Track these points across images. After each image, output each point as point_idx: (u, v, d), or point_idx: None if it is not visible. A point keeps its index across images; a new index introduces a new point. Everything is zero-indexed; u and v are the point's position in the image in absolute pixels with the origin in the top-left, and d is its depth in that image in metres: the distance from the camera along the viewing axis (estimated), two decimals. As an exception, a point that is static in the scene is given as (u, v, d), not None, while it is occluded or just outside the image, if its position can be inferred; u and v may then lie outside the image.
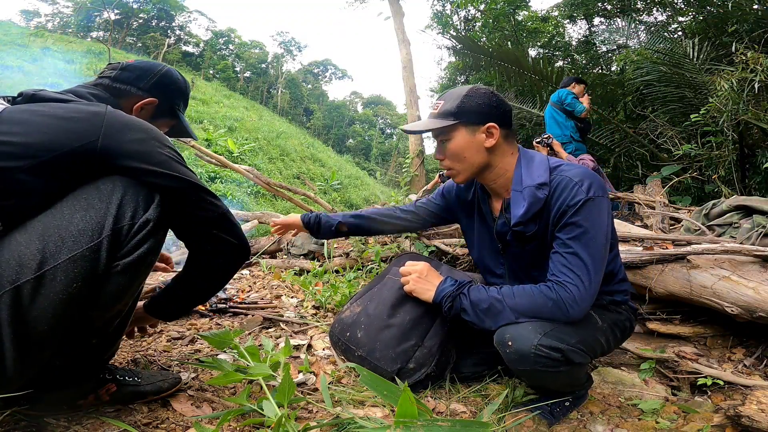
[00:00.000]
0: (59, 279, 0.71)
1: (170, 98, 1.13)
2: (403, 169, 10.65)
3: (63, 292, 0.72)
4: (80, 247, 0.73)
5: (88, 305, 0.77)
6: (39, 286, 0.70)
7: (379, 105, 60.03)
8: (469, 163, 1.20)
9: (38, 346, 0.73)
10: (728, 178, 4.16)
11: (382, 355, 1.26)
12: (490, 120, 1.17)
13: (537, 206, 1.13)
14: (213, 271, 1.01)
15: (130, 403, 1.06)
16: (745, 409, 1.10)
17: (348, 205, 13.43)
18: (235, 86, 38.09)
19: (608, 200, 1.12)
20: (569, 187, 1.09)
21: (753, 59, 3.72)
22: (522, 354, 1.03)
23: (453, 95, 1.20)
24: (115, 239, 0.76)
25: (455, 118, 1.17)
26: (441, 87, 11.31)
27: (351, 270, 2.67)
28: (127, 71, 1.07)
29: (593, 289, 1.06)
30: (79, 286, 0.73)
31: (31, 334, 0.71)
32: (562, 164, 1.17)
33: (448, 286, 1.21)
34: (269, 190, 4.37)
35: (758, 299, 1.40)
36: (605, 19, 8.27)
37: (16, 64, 14.05)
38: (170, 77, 1.13)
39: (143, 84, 1.07)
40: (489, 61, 6.37)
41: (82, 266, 0.73)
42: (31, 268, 0.70)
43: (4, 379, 0.71)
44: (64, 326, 0.75)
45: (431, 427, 0.86)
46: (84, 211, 0.75)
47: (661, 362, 1.53)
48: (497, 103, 1.19)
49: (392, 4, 11.30)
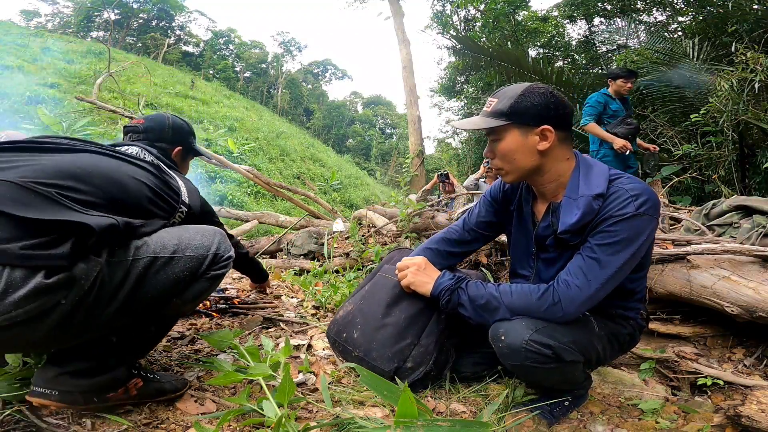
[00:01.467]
0: (180, 265, 1.04)
1: (187, 140, 1.49)
2: (403, 169, 10.65)
3: (176, 274, 1.03)
4: (198, 252, 1.09)
5: (181, 291, 1.06)
6: (167, 263, 1.02)
7: (379, 105, 60.03)
8: (519, 164, 1.14)
9: (134, 309, 0.96)
10: (728, 178, 4.17)
11: (378, 354, 1.26)
12: (545, 122, 1.10)
13: (590, 217, 1.07)
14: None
15: (152, 400, 1.08)
16: (745, 409, 1.10)
17: (348, 205, 13.43)
18: (235, 86, 38.10)
19: (655, 221, 1.07)
20: (622, 198, 1.05)
21: (753, 59, 3.73)
22: (513, 348, 1.04)
23: (507, 93, 1.14)
24: (214, 258, 1.13)
25: (507, 119, 1.11)
26: (441, 87, 11.33)
27: (351, 270, 2.67)
28: (150, 133, 1.39)
29: (596, 298, 1.06)
30: (186, 275, 1.05)
31: (142, 293, 0.96)
32: (623, 176, 1.12)
33: (446, 280, 1.22)
34: (269, 190, 4.37)
35: (758, 299, 1.40)
36: (605, 19, 8.28)
37: (16, 64, 14.06)
38: (178, 124, 1.47)
39: (167, 138, 1.42)
40: (489, 61, 6.38)
41: (194, 263, 1.07)
42: (169, 250, 1.03)
43: (93, 326, 0.90)
44: (160, 301, 1.01)
45: (431, 427, 0.86)
46: (201, 236, 1.14)
47: (661, 362, 1.53)
48: (555, 104, 1.11)
49: (392, 4, 11.30)
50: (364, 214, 3.64)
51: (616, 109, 3.68)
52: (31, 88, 11.78)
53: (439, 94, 11.76)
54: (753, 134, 4.37)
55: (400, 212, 2.93)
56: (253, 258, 2.00)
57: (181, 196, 1.25)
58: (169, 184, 1.21)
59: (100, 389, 0.98)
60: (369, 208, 3.73)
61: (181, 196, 1.25)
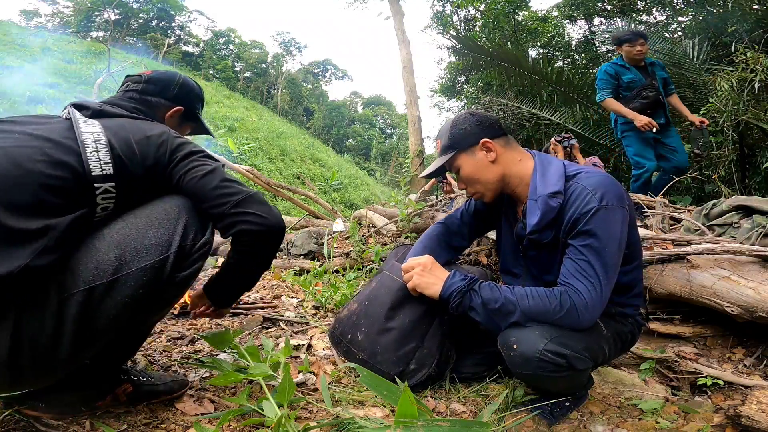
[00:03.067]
0: (129, 285, 0.80)
1: (191, 104, 1.25)
2: (403, 169, 10.66)
3: (129, 297, 0.80)
4: (152, 258, 0.83)
5: (143, 310, 0.85)
6: (111, 289, 0.79)
7: (379, 105, 60.02)
8: (485, 181, 1.24)
9: (91, 342, 0.80)
10: (728, 178, 4.16)
11: (383, 358, 1.26)
12: (480, 137, 1.22)
13: (550, 215, 1.12)
14: (245, 259, 1.03)
15: (145, 403, 1.07)
16: (745, 409, 1.10)
17: (348, 205, 13.43)
18: (235, 86, 38.09)
19: (623, 210, 1.10)
20: (582, 195, 1.09)
21: (753, 59, 3.72)
22: (526, 358, 1.03)
23: (443, 132, 1.29)
24: (179, 255, 0.87)
25: (452, 149, 1.25)
26: (441, 87, 11.32)
27: (351, 270, 2.67)
28: (151, 84, 1.16)
29: (605, 297, 1.06)
30: (143, 292, 0.82)
31: (91, 330, 0.79)
32: (581, 172, 1.16)
33: (458, 281, 1.16)
34: (269, 190, 4.37)
35: (758, 299, 1.40)
36: (605, 19, 8.28)
37: (16, 64, 14.05)
38: (188, 85, 1.24)
39: (168, 94, 1.18)
40: (489, 61, 6.37)
41: (150, 275, 0.82)
42: (107, 273, 0.79)
43: (50, 372, 0.78)
44: (118, 327, 0.83)
45: (431, 427, 0.86)
46: (155, 228, 0.85)
47: (661, 362, 1.53)
48: (480, 119, 1.26)
49: (392, 4, 11.30)
50: (364, 214, 3.64)
51: (631, 80, 3.20)
52: (31, 88, 11.77)
53: (439, 94, 11.76)
54: (753, 134, 4.36)
55: (399, 212, 2.93)
56: (242, 265, 1.07)
57: (89, 162, 0.82)
58: (67, 148, 0.82)
59: (86, 400, 0.97)
60: (369, 208, 3.73)
61: (89, 163, 0.82)
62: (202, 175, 0.94)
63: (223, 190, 0.94)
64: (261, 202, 0.96)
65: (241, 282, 1.12)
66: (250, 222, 0.93)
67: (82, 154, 0.83)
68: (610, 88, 3.21)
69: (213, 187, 0.93)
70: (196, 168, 0.95)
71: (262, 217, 0.94)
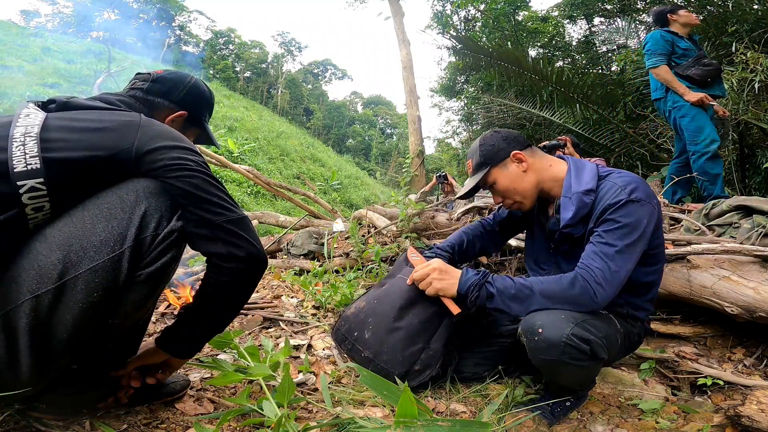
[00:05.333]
0: (80, 289, 0.71)
1: (198, 109, 1.16)
2: (403, 169, 10.65)
3: (83, 302, 0.72)
4: (101, 257, 0.73)
5: (109, 314, 0.77)
6: (59, 296, 0.71)
7: (379, 105, 59.99)
8: (522, 190, 1.32)
9: (56, 353, 0.73)
10: (728, 178, 4.16)
11: (389, 357, 1.26)
12: (510, 150, 1.32)
13: (584, 210, 1.20)
14: (219, 290, 0.88)
15: (147, 403, 1.06)
16: (745, 409, 1.10)
17: (348, 205, 13.43)
18: (235, 86, 38.08)
19: (651, 206, 1.14)
20: (612, 190, 1.17)
21: (753, 59, 3.72)
22: (551, 343, 1.03)
23: (473, 151, 1.38)
24: (138, 250, 0.76)
25: (486, 166, 1.33)
26: (441, 87, 11.31)
27: (351, 270, 2.67)
28: (158, 83, 1.09)
29: (619, 276, 1.09)
30: (99, 295, 0.73)
31: (50, 342, 0.72)
32: (613, 173, 1.24)
33: (472, 276, 1.22)
34: (269, 190, 4.37)
35: (758, 299, 1.40)
36: (605, 19, 8.28)
37: (16, 64, 14.05)
38: (198, 89, 1.16)
39: (174, 96, 1.10)
40: (489, 61, 6.36)
41: (103, 276, 0.73)
42: (51, 278, 0.70)
43: (19, 384, 0.72)
44: (84, 334, 0.75)
45: (431, 427, 0.86)
46: (106, 221, 0.75)
47: (661, 362, 1.52)
48: (506, 135, 1.36)
49: (392, 4, 11.29)
50: (364, 214, 3.64)
51: (687, 48, 2.94)
52: (31, 88, 11.77)
53: (439, 94, 11.75)
54: (753, 134, 4.36)
55: (399, 212, 2.93)
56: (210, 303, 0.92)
57: (12, 156, 0.72)
58: None
59: (86, 403, 0.96)
60: (369, 208, 3.73)
61: (13, 157, 0.72)
62: (190, 171, 0.83)
63: (220, 201, 0.84)
64: (253, 229, 0.89)
65: (211, 322, 0.95)
66: (240, 247, 0.84)
67: (8, 150, 0.73)
68: (666, 54, 2.91)
69: (205, 189, 0.83)
70: (182, 164, 0.83)
71: (253, 245, 0.85)
